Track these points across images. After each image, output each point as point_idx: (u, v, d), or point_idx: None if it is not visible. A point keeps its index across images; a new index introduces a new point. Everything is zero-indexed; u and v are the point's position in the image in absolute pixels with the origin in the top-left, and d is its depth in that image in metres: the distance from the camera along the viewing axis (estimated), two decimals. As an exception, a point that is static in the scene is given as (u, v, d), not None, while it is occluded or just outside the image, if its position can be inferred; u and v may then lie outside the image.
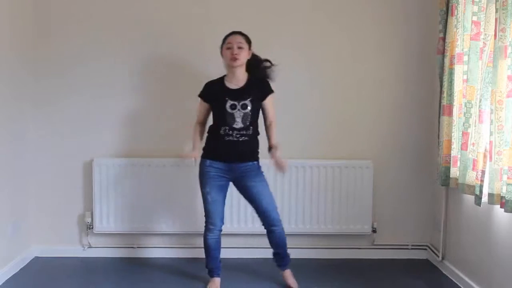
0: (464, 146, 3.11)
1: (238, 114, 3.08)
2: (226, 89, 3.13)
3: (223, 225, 3.24)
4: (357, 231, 3.80)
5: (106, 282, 3.40)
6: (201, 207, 3.27)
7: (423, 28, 3.75)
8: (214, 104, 3.16)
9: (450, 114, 3.27)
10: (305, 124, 3.80)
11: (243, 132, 3.09)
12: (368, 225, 3.80)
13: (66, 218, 3.82)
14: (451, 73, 3.25)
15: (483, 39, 2.89)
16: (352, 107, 3.81)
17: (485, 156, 2.84)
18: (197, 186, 3.22)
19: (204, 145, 3.22)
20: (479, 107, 2.90)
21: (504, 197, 2.58)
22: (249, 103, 3.10)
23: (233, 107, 3.08)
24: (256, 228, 3.51)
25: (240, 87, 3.13)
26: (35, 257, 3.80)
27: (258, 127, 3.20)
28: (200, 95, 3.22)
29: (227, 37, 3.13)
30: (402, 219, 3.88)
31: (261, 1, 3.73)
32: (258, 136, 3.20)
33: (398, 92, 3.81)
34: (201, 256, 3.32)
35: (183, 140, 3.73)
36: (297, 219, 3.78)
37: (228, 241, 3.50)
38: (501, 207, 2.66)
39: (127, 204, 3.75)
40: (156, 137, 3.78)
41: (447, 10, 3.31)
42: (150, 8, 3.71)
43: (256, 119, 3.17)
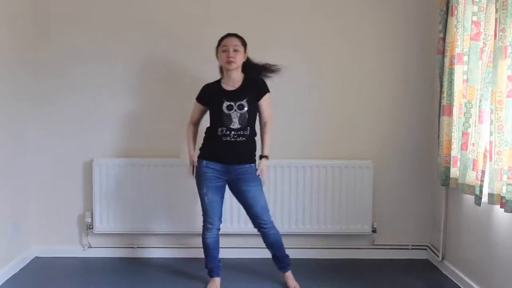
0: (464, 146, 3.11)
1: (235, 114, 3.07)
2: (222, 90, 3.13)
3: (221, 224, 3.23)
4: (357, 231, 3.80)
5: (106, 282, 3.40)
6: (200, 207, 3.27)
7: (423, 28, 3.75)
8: (211, 105, 3.16)
9: (450, 114, 3.27)
10: (305, 124, 3.80)
11: (240, 133, 3.09)
12: (368, 225, 3.80)
13: (66, 218, 3.83)
14: (451, 73, 3.25)
15: (483, 39, 2.88)
16: (352, 107, 3.81)
17: (485, 156, 2.84)
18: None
19: (201, 146, 3.21)
20: (479, 107, 2.90)
21: (504, 197, 2.58)
22: (245, 103, 3.09)
23: (229, 108, 3.07)
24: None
25: (236, 88, 3.13)
26: (35, 257, 3.80)
27: (255, 128, 3.20)
28: (197, 99, 3.23)
29: (222, 39, 3.12)
30: (402, 219, 3.88)
31: (261, 2, 3.73)
32: (255, 136, 3.20)
33: (398, 92, 3.81)
34: (201, 256, 3.32)
35: (183, 140, 3.73)
36: (297, 219, 3.78)
37: (228, 241, 3.50)
38: (501, 207, 2.66)
39: (127, 204, 3.75)
40: (156, 137, 3.78)
41: (447, 10, 3.31)
42: (150, 8, 3.71)
43: (254, 119, 3.17)
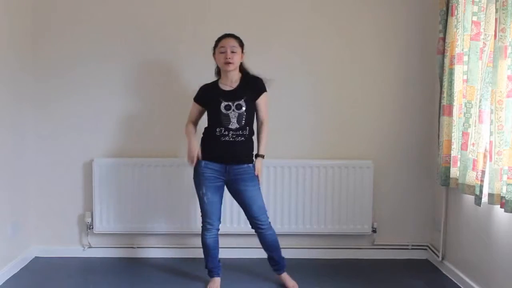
0: (464, 146, 3.11)
1: (233, 114, 3.07)
2: (220, 90, 3.13)
3: (221, 224, 3.23)
4: (357, 231, 3.80)
5: (105, 282, 3.40)
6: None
7: (423, 28, 3.75)
8: (209, 106, 3.15)
9: (450, 114, 3.27)
10: (305, 124, 3.80)
11: (239, 133, 3.08)
12: (368, 225, 3.80)
13: (66, 218, 3.82)
14: (451, 73, 3.25)
15: (483, 39, 2.88)
16: (352, 107, 3.81)
17: (485, 156, 2.84)
18: (197, 186, 3.22)
19: (200, 146, 3.19)
20: (479, 107, 2.90)
21: (504, 197, 2.58)
22: (243, 103, 3.09)
23: (227, 108, 3.07)
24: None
25: (234, 88, 3.12)
26: (35, 257, 3.80)
27: (253, 127, 3.19)
28: (195, 98, 3.22)
29: (220, 40, 3.11)
30: (402, 219, 3.88)
31: (261, 1, 3.73)
32: (253, 136, 3.19)
33: (398, 92, 3.81)
34: (200, 256, 3.31)
35: (183, 140, 3.74)
36: (297, 219, 3.78)
37: (228, 241, 3.50)
38: (501, 207, 2.66)
39: (127, 204, 3.75)
40: (156, 137, 3.78)
41: (447, 10, 3.31)
42: (150, 8, 3.70)
43: (252, 118, 3.16)
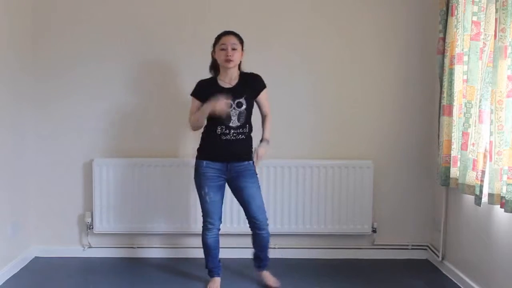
0: (464, 146, 3.11)
1: (233, 112, 3.06)
2: (219, 88, 3.09)
3: (221, 224, 3.23)
4: (357, 231, 3.80)
5: (106, 282, 3.40)
6: (200, 207, 3.27)
7: (423, 28, 3.75)
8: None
9: (450, 114, 3.27)
10: (305, 124, 3.80)
11: (239, 131, 3.08)
12: (368, 225, 3.80)
13: (66, 218, 3.82)
14: (451, 73, 3.25)
15: (483, 39, 2.88)
16: (352, 107, 3.81)
17: (485, 156, 2.84)
18: (197, 185, 3.22)
19: (200, 146, 3.19)
20: (479, 107, 2.90)
21: (504, 197, 2.58)
22: (244, 101, 3.08)
23: (228, 106, 3.05)
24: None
25: (234, 85, 3.10)
26: (35, 257, 3.80)
27: (252, 124, 3.18)
28: (194, 94, 3.16)
29: (220, 38, 3.08)
30: (402, 219, 3.88)
31: (261, 1, 3.73)
32: (252, 133, 3.18)
33: (398, 92, 3.81)
34: (201, 256, 3.31)
35: (183, 140, 3.75)
36: (297, 219, 3.77)
37: (228, 241, 3.50)
38: (501, 207, 2.66)
39: (127, 204, 3.75)
40: (155, 137, 3.78)
41: (447, 10, 3.31)
42: (150, 8, 3.70)
43: (251, 116, 3.14)
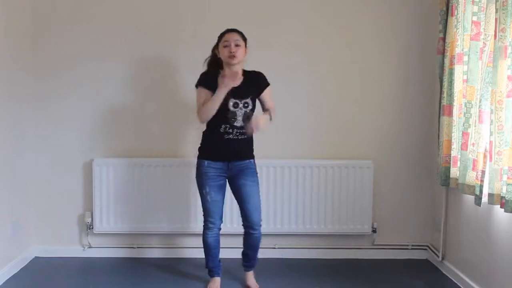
0: (464, 146, 3.11)
1: (239, 112, 3.04)
2: None
3: (222, 223, 3.23)
4: (357, 231, 3.80)
5: (106, 282, 3.40)
6: (201, 207, 3.26)
7: (423, 28, 3.75)
8: None
9: (450, 114, 3.27)
10: (305, 124, 3.80)
11: (242, 131, 3.07)
12: (368, 225, 3.80)
13: (66, 218, 3.82)
14: (451, 73, 3.25)
15: (483, 39, 2.89)
16: (352, 107, 3.81)
17: (485, 156, 2.84)
18: (196, 185, 3.21)
19: (201, 145, 3.18)
20: (479, 107, 2.90)
21: (504, 197, 2.58)
22: (250, 101, 3.07)
23: (235, 105, 3.03)
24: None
25: (239, 84, 3.06)
26: (35, 257, 3.80)
27: None
28: (202, 84, 3.07)
29: (223, 35, 3.07)
30: (402, 219, 3.88)
31: (261, 1, 3.73)
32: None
33: (398, 92, 3.81)
34: (201, 256, 3.32)
35: (183, 140, 3.75)
36: (297, 219, 3.77)
37: (228, 241, 3.50)
38: (501, 207, 2.66)
39: (127, 204, 3.75)
40: (155, 137, 3.78)
41: (447, 10, 3.31)
42: (150, 8, 3.70)
43: (253, 116, 3.12)
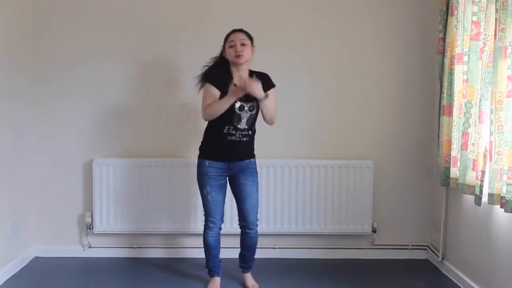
0: (464, 146, 3.11)
1: (244, 115, 3.03)
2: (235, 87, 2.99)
3: (223, 223, 3.24)
4: (357, 231, 3.80)
5: (106, 282, 3.40)
6: (201, 207, 3.27)
7: (423, 28, 3.75)
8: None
9: (450, 114, 3.27)
10: (305, 124, 3.80)
11: (245, 133, 3.07)
12: (368, 225, 3.80)
13: (66, 218, 3.82)
14: (451, 73, 3.25)
15: (483, 39, 2.89)
16: (352, 107, 3.81)
17: (485, 156, 2.84)
18: (197, 185, 3.21)
19: (202, 144, 3.18)
20: (479, 107, 2.90)
21: (504, 197, 2.58)
22: (255, 104, 3.05)
23: (241, 108, 3.01)
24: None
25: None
26: (35, 257, 3.80)
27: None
28: (210, 81, 3.03)
29: (228, 36, 3.07)
30: (402, 219, 3.88)
31: (261, 1, 3.73)
32: (255, 135, 3.17)
33: (398, 92, 3.81)
34: (201, 256, 3.32)
35: (183, 141, 3.75)
36: (297, 219, 3.78)
37: (228, 241, 3.50)
38: (501, 207, 2.66)
39: (127, 204, 3.75)
40: (156, 137, 3.78)
41: (447, 10, 3.31)
42: (150, 8, 3.70)
43: (256, 119, 3.13)
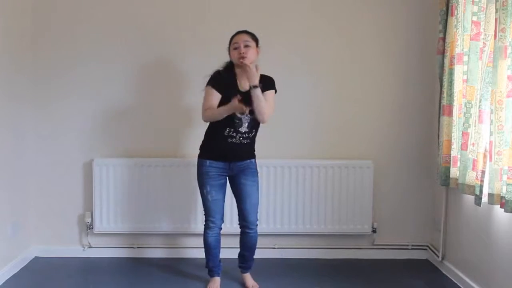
0: (464, 146, 3.11)
1: (245, 119, 3.02)
2: (237, 91, 3.00)
3: (223, 223, 3.24)
4: (357, 231, 3.80)
5: (106, 282, 3.40)
6: (201, 207, 3.27)
7: (423, 28, 3.75)
8: (226, 104, 2.98)
9: (450, 114, 3.27)
10: (305, 124, 3.80)
11: (246, 135, 3.07)
12: (368, 225, 3.80)
13: (66, 218, 3.82)
14: (451, 73, 3.25)
15: (483, 39, 2.89)
16: (352, 107, 3.81)
17: (485, 156, 2.84)
18: (196, 185, 3.21)
19: (203, 144, 3.18)
20: (479, 107, 2.90)
21: (504, 197, 2.59)
22: None
23: (243, 112, 2.98)
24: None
25: (249, 90, 2.98)
26: (35, 257, 3.80)
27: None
28: (213, 86, 3.02)
29: (233, 38, 3.06)
30: (402, 219, 3.88)
31: (261, 1, 3.73)
32: (256, 137, 3.16)
33: (398, 92, 3.81)
34: (201, 256, 3.32)
35: (183, 140, 3.75)
36: (297, 219, 3.78)
37: (228, 241, 3.50)
38: (501, 207, 2.66)
39: (127, 204, 3.75)
40: (155, 137, 3.78)
41: (447, 10, 3.31)
42: (150, 8, 3.70)
43: (259, 124, 3.10)
